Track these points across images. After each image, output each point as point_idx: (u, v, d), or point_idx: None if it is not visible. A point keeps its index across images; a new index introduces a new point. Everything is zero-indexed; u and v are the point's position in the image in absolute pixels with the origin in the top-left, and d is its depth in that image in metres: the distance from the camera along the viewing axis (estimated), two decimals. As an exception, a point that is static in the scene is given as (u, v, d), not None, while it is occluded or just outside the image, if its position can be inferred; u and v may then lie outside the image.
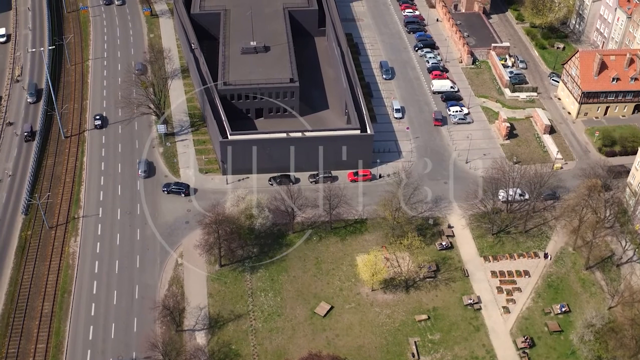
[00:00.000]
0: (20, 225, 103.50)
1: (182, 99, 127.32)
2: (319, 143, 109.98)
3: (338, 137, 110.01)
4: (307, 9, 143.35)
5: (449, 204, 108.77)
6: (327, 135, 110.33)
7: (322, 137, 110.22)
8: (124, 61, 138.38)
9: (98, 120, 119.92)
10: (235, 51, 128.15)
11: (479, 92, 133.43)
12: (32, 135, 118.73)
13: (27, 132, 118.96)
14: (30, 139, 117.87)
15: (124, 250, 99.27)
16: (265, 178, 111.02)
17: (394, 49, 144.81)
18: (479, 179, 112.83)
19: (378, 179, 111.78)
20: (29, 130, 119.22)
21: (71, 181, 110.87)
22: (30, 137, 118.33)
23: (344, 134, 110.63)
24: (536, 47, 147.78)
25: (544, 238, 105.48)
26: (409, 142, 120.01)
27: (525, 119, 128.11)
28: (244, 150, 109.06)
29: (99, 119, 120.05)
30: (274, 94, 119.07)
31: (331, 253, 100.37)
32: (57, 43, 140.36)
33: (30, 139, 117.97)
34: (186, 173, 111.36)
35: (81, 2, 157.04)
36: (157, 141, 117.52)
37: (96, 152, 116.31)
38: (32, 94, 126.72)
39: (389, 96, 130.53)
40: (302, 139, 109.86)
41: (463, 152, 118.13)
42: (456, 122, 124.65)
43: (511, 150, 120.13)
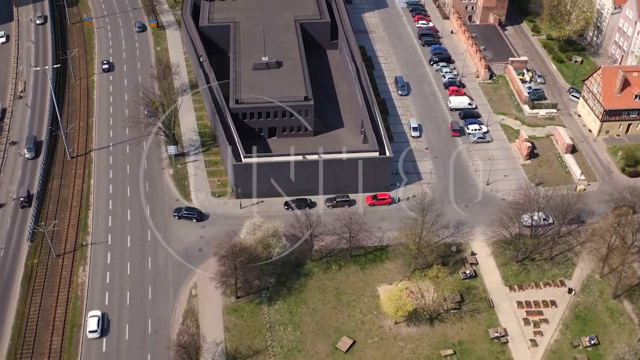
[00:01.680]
0: (26, 253, 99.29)
1: (191, 117, 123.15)
2: (336, 166, 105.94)
3: (355, 159, 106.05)
4: (319, 22, 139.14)
5: (471, 229, 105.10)
6: (344, 158, 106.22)
7: (339, 159, 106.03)
8: (131, 76, 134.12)
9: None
10: (246, 67, 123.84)
11: (497, 108, 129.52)
12: (29, 200, 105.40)
13: (24, 197, 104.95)
14: (26, 205, 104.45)
15: (135, 280, 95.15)
16: (280, 202, 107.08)
17: (408, 63, 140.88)
18: (500, 202, 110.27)
19: (397, 202, 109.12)
20: (25, 195, 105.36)
21: (78, 205, 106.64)
22: (26, 202, 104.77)
23: (361, 156, 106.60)
24: (554, 60, 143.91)
25: (570, 265, 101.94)
26: (428, 162, 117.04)
27: (546, 137, 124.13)
28: (258, 174, 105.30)
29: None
30: (287, 112, 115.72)
31: (351, 283, 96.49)
32: (61, 57, 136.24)
33: (27, 204, 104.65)
34: (198, 197, 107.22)
35: (85, 14, 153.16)
36: (167, 162, 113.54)
37: (103, 173, 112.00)
38: (30, 149, 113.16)
39: (405, 113, 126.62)
40: (318, 162, 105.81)
41: (483, 173, 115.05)
42: (475, 140, 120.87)
43: (533, 171, 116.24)
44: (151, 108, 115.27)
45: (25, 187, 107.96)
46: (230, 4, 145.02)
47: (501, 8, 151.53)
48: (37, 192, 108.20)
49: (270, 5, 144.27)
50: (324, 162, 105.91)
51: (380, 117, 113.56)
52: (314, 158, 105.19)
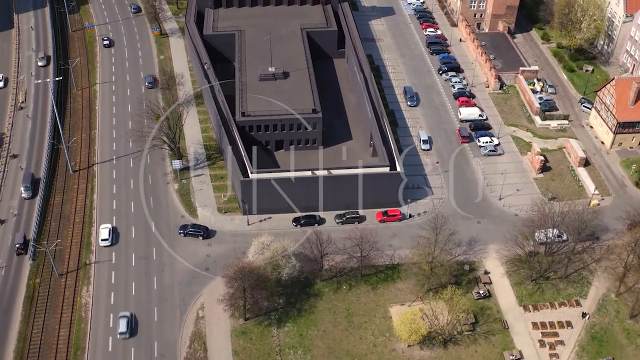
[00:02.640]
0: (28, 271, 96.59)
1: (196, 129, 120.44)
2: (346, 181, 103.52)
3: (366, 175, 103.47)
4: (326, 30, 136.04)
5: (484, 246, 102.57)
6: (354, 174, 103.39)
7: (349, 175, 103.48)
8: (134, 86, 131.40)
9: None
10: (252, 77, 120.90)
11: (508, 120, 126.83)
12: (25, 247, 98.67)
13: (20, 243, 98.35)
14: (22, 252, 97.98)
15: (141, 302, 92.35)
16: (288, 218, 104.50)
17: (417, 72, 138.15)
18: (513, 217, 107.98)
19: (408, 218, 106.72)
20: (21, 241, 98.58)
21: (81, 222, 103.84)
22: (22, 249, 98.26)
23: (371, 171, 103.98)
24: (564, 69, 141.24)
25: (585, 284, 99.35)
26: (439, 176, 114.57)
27: (558, 149, 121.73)
28: (266, 190, 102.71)
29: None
30: (295, 125, 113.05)
31: (362, 304, 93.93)
32: (62, 67, 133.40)
33: (23, 252, 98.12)
34: (204, 213, 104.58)
35: (87, 21, 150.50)
36: (171, 177, 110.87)
37: (106, 188, 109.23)
38: (27, 188, 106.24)
39: (415, 125, 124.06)
40: (328, 178, 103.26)
41: (495, 188, 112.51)
42: (486, 153, 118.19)
43: (545, 185, 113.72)
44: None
45: (21, 232, 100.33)
46: (235, 12, 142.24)
47: (510, 16, 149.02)
48: (39, 207, 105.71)
49: (276, 13, 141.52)
50: (333, 178, 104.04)
51: (390, 130, 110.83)
52: (323, 174, 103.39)
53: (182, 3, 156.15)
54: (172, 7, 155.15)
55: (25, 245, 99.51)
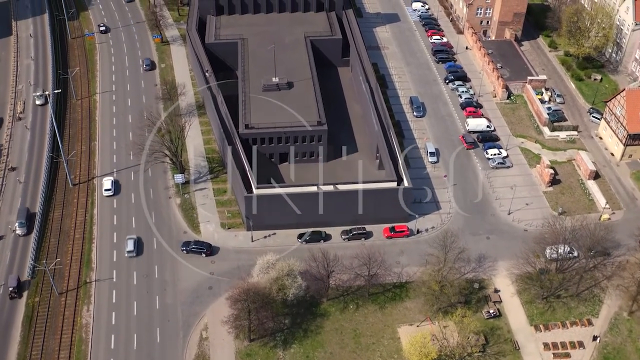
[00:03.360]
0: (27, 290, 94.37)
1: (199, 140, 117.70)
2: (352, 197, 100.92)
3: (372, 190, 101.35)
4: (330, 38, 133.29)
5: (493, 263, 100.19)
6: (361, 189, 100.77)
7: (355, 190, 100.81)
8: (134, 96, 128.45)
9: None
10: (255, 88, 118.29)
11: (516, 131, 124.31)
12: (19, 290, 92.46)
13: (13, 287, 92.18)
14: (16, 297, 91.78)
15: (143, 322, 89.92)
16: (293, 234, 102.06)
17: (423, 82, 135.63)
18: (523, 233, 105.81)
19: (416, 234, 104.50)
20: (14, 284, 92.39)
21: (81, 237, 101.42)
22: (15, 293, 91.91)
23: (378, 186, 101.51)
24: (572, 78, 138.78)
25: (596, 302, 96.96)
26: (446, 190, 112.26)
27: (567, 162, 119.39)
28: (270, 205, 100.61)
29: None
30: (300, 138, 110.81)
31: (370, 324, 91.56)
32: (61, 76, 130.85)
33: (16, 296, 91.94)
34: (207, 229, 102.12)
35: (86, 28, 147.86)
36: (173, 191, 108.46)
37: (107, 203, 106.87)
38: (22, 224, 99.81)
39: (422, 137, 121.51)
40: (334, 194, 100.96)
41: (504, 202, 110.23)
42: (495, 166, 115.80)
43: (555, 199, 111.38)
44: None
45: (14, 274, 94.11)
46: (238, 19, 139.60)
47: (517, 23, 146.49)
48: (38, 222, 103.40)
49: (279, 21, 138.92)
50: (339, 193, 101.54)
51: (397, 143, 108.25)
52: (328, 189, 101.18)
53: (183, 10, 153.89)
54: (173, 14, 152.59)
55: (19, 289, 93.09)
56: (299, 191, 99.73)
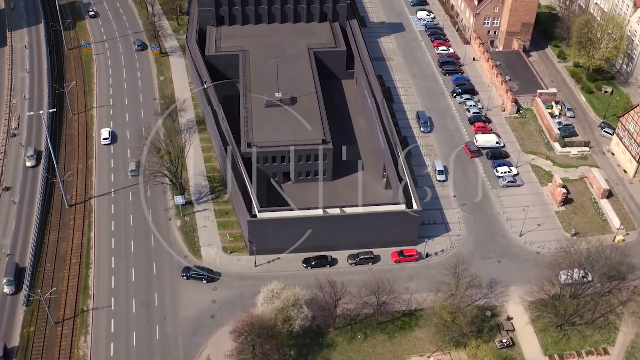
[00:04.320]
0: (22, 319, 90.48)
1: (199, 158, 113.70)
2: (359, 220, 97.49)
3: (380, 214, 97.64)
4: (334, 50, 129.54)
5: (505, 289, 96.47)
6: (368, 213, 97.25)
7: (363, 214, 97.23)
8: (132, 110, 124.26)
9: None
10: (258, 104, 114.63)
11: (526, 147, 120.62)
12: (6, 358, 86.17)
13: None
14: None
15: (142, 353, 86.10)
16: (298, 259, 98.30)
17: (430, 95, 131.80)
18: (535, 256, 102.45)
19: (425, 258, 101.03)
20: (0, 354, 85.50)
21: (78, 262, 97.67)
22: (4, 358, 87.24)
23: (387, 210, 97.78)
24: (582, 91, 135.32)
25: (612, 329, 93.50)
26: (455, 211, 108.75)
27: (580, 179, 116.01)
28: (274, 230, 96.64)
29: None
30: (304, 157, 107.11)
31: (379, 355, 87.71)
32: (57, 91, 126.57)
33: None
34: (208, 253, 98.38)
35: (83, 39, 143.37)
36: (173, 212, 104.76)
37: (105, 225, 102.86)
38: (10, 283, 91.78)
39: (429, 154, 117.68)
40: (340, 218, 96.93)
41: (516, 223, 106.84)
42: (505, 185, 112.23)
43: (568, 220, 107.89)
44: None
45: (1, 342, 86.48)
46: (239, 30, 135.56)
47: (526, 33, 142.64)
48: (33, 246, 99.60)
49: (282, 32, 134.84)
50: (346, 217, 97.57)
51: (405, 163, 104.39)
52: (335, 212, 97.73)
53: (182, 19, 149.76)
54: (172, 24, 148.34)
55: (5, 357, 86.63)
56: (304, 215, 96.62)
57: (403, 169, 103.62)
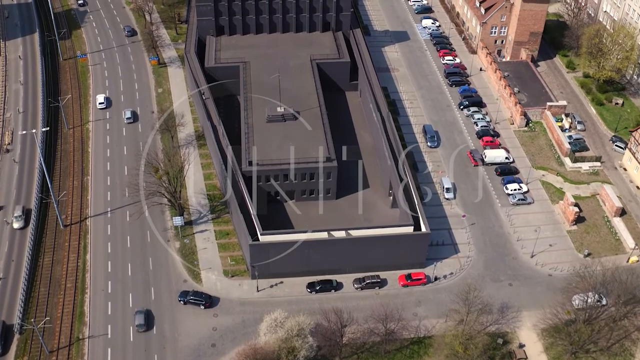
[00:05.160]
0: (15, 348, 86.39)
1: (199, 175, 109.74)
2: (365, 242, 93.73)
3: (387, 237, 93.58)
4: (338, 61, 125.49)
5: (517, 313, 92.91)
6: (375, 235, 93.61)
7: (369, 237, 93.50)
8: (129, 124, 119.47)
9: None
10: (259, 118, 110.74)
11: (536, 162, 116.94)
12: None
13: None
14: None
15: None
16: (302, 283, 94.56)
17: (436, 108, 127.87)
18: (547, 278, 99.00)
19: (433, 282, 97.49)
20: None
21: (72, 287, 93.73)
22: None
23: (394, 232, 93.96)
24: (592, 102, 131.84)
25: (627, 356, 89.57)
26: (464, 230, 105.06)
27: (592, 196, 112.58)
28: (277, 253, 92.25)
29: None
30: (308, 175, 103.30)
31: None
32: (51, 105, 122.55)
33: None
34: (208, 277, 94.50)
35: (79, 49, 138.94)
36: (172, 233, 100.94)
37: (100, 247, 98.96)
38: None
39: (436, 170, 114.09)
40: (346, 241, 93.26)
41: (527, 243, 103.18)
42: (515, 202, 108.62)
43: (580, 239, 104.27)
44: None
45: None
46: (239, 40, 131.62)
47: (534, 43, 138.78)
48: (27, 269, 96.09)
49: (283, 42, 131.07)
50: (352, 240, 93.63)
51: (412, 181, 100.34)
52: (340, 235, 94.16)
53: (181, 28, 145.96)
54: (170, 32, 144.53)
55: None
56: (308, 238, 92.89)
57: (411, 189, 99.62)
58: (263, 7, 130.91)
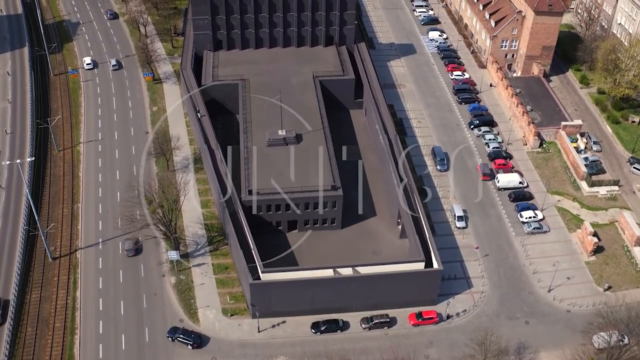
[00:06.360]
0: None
1: (195, 203, 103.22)
2: (374, 281, 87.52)
3: (397, 274, 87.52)
4: (342, 78, 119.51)
5: (534, 354, 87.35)
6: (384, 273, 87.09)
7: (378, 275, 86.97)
8: (123, 146, 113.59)
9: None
10: (259, 142, 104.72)
11: (551, 186, 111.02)
12: None
13: None
14: None
15: None
16: (306, 322, 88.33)
17: (445, 127, 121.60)
18: (566, 315, 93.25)
19: (446, 320, 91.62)
20: None
21: (62, 327, 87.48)
22: None
23: (404, 269, 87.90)
24: (608, 120, 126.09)
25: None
26: (477, 263, 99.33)
27: (610, 224, 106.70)
28: (280, 292, 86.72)
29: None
30: (311, 204, 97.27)
31: None
32: (41, 126, 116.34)
33: None
34: (206, 316, 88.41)
35: (70, 65, 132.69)
36: (167, 267, 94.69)
37: (91, 282, 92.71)
38: None
39: (447, 195, 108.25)
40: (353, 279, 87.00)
41: (544, 276, 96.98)
42: (530, 231, 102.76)
43: (599, 271, 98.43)
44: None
45: None
46: (238, 56, 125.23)
47: (546, 57, 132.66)
48: (14, 306, 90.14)
49: (285, 57, 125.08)
50: (360, 278, 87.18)
51: (423, 212, 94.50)
52: (347, 273, 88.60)
53: (177, 41, 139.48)
54: (166, 46, 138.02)
55: None
56: (313, 277, 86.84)
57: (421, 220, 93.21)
58: (263, 21, 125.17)
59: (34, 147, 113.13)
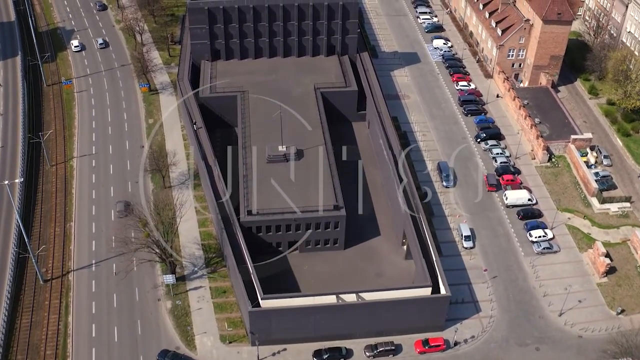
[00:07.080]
0: None
1: (193, 221, 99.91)
2: (379, 308, 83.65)
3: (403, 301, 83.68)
4: (344, 90, 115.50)
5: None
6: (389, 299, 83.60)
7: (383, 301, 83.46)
8: (117, 160, 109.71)
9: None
10: (259, 157, 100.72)
11: (561, 203, 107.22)
12: None
13: None
14: None
15: None
16: (308, 350, 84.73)
17: (451, 141, 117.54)
18: (577, 340, 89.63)
19: (453, 347, 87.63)
20: None
21: (53, 354, 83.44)
22: None
23: (410, 295, 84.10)
24: (618, 133, 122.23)
25: None
26: (486, 285, 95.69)
27: (622, 243, 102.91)
28: (280, 319, 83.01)
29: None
30: (313, 225, 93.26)
31: None
32: (32, 140, 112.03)
33: None
34: (203, 343, 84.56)
35: (64, 75, 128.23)
36: (163, 290, 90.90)
37: (84, 307, 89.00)
38: None
39: (453, 213, 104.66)
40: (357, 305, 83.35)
41: (554, 299, 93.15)
42: (540, 251, 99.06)
43: (612, 294, 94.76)
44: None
45: None
46: (237, 66, 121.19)
47: (555, 67, 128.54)
48: (3, 332, 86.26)
49: (285, 68, 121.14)
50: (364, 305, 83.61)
51: (429, 234, 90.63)
52: (351, 299, 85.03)
53: (174, 49, 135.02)
54: (162, 54, 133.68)
55: None
56: (315, 304, 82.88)
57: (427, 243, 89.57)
58: (262, 30, 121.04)
59: (25, 162, 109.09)
